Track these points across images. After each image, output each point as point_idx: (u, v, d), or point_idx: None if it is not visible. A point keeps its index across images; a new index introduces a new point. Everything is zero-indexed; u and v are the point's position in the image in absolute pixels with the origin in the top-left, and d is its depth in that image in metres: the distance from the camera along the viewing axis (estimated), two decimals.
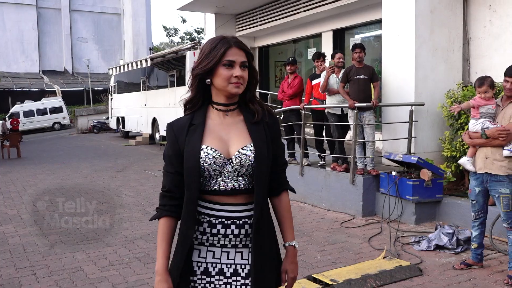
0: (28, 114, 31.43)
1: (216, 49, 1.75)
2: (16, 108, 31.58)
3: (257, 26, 12.29)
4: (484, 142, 4.11)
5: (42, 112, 31.95)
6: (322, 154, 7.51)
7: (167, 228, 1.81)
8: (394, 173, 6.10)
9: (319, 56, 7.48)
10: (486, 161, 4.11)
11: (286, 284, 1.90)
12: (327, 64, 7.24)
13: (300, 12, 10.60)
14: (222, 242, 1.78)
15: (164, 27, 37.56)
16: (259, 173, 1.76)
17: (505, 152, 3.99)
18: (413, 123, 6.53)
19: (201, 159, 1.73)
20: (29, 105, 32.04)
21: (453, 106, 4.66)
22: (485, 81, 4.21)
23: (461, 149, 6.02)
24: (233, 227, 1.77)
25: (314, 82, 7.36)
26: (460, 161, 4.50)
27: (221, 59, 1.74)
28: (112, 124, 22.99)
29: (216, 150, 1.75)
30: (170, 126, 1.86)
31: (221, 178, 1.77)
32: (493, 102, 4.23)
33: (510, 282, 3.98)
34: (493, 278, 4.18)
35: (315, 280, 4.12)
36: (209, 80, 1.79)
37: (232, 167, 1.76)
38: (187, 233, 1.77)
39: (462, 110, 4.81)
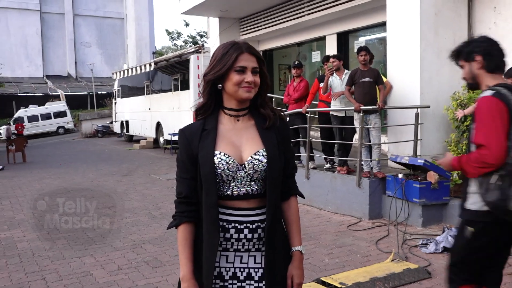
0: (32, 118, 31.60)
1: (228, 55, 1.77)
2: (21, 113, 31.75)
3: (261, 29, 12.32)
4: None
5: (46, 116, 32.11)
6: (328, 157, 7.52)
7: (188, 234, 1.81)
8: (400, 175, 6.11)
9: (328, 59, 7.50)
10: None
11: None
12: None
13: (304, 16, 10.62)
14: (235, 247, 1.80)
15: (167, 31, 37.58)
16: (271, 178, 1.78)
17: None
18: (419, 125, 6.54)
19: (215, 165, 1.75)
20: (33, 109, 32.21)
21: (457, 112, 4.66)
22: None
23: (467, 152, 6.02)
24: (246, 231, 1.78)
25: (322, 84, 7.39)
26: None
27: (233, 65, 1.76)
28: (116, 128, 23.06)
29: (229, 156, 1.76)
30: (182, 132, 1.86)
31: (234, 183, 1.78)
32: None
33: None
34: None
35: (324, 283, 4.13)
36: (220, 85, 1.80)
37: (245, 172, 1.77)
38: (213, 239, 1.76)
39: (466, 115, 4.82)
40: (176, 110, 15.25)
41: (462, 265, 2.61)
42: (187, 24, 37.36)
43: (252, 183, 1.79)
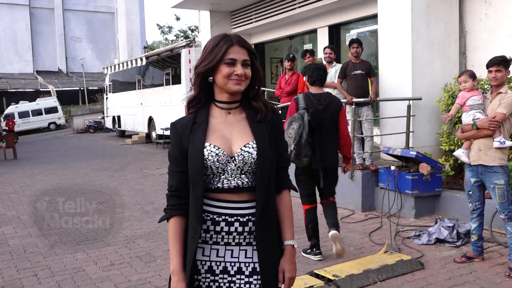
0: (23, 114, 31.24)
1: (218, 47, 1.76)
2: (11, 109, 31.40)
3: (252, 22, 12.25)
4: (474, 133, 4.16)
5: (37, 112, 31.76)
6: None
7: (179, 227, 1.81)
8: (393, 167, 6.12)
9: (306, 53, 7.56)
10: (479, 153, 4.14)
11: (283, 284, 1.87)
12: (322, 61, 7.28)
13: (295, 8, 10.56)
14: (226, 240, 1.79)
15: (158, 25, 37.33)
16: (261, 171, 1.77)
17: (495, 144, 4.04)
18: (411, 117, 6.55)
19: (204, 157, 1.74)
20: (24, 105, 31.87)
21: (443, 115, 4.72)
22: (465, 72, 4.48)
23: (459, 143, 6.03)
24: (236, 224, 1.77)
25: None
26: (455, 153, 4.53)
27: (223, 57, 1.75)
28: (108, 123, 22.89)
29: (219, 148, 1.75)
30: (173, 125, 1.86)
31: (224, 176, 1.77)
32: (478, 93, 4.30)
33: None
34: (494, 270, 4.20)
35: (317, 276, 4.13)
36: (211, 78, 1.79)
37: (235, 164, 1.76)
38: (196, 232, 1.76)
39: (452, 117, 4.85)
40: (168, 105, 15.16)
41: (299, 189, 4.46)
42: (178, 18, 37.09)
43: (243, 176, 1.78)
